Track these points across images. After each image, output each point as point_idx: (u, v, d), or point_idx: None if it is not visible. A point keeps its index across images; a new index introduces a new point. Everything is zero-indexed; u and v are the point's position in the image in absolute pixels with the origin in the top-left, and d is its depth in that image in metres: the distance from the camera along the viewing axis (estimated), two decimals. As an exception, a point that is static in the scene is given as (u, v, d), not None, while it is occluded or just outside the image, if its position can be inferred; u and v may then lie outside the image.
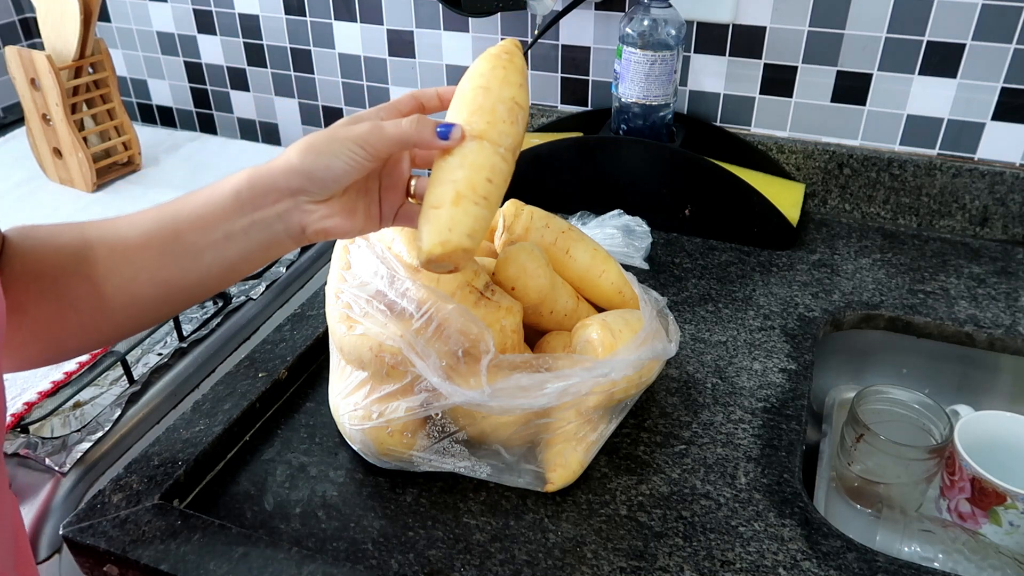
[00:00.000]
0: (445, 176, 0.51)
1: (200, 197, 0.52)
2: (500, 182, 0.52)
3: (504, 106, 0.53)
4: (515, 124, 0.53)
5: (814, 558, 0.57)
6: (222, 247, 0.52)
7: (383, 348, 0.58)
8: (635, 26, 0.90)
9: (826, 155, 0.99)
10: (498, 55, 0.55)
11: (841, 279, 0.88)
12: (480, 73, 0.55)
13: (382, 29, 1.15)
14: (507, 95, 0.53)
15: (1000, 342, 0.80)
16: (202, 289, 0.54)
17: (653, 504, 0.61)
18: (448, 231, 0.50)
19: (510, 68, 0.54)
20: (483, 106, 0.53)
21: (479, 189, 0.51)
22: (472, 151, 0.52)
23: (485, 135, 0.52)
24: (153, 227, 0.52)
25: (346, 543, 0.58)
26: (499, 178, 0.52)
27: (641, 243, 0.91)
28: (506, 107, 0.53)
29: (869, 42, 0.93)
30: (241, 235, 0.52)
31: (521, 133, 0.54)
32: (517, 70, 0.55)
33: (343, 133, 0.51)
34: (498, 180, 0.52)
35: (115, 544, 0.57)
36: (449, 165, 0.52)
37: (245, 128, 1.34)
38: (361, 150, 0.50)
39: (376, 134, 0.51)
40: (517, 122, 0.53)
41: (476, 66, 0.55)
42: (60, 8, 1.00)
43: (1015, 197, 0.93)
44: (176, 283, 0.52)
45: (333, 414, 0.66)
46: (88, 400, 0.73)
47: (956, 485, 0.69)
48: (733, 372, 0.74)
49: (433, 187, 0.52)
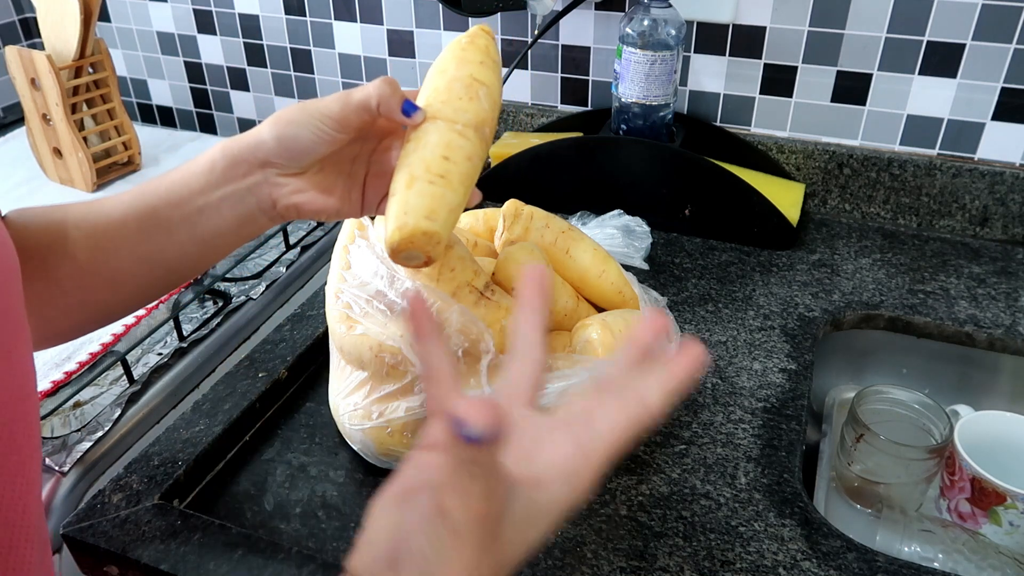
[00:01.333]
0: (402, 162, 0.50)
1: (177, 173, 0.52)
2: (461, 159, 0.50)
3: (460, 84, 0.52)
4: (473, 100, 0.51)
5: (814, 558, 0.57)
6: (195, 221, 0.52)
7: (383, 348, 0.58)
8: (635, 26, 0.90)
9: (826, 155, 0.99)
10: (458, 40, 0.54)
11: (841, 279, 0.88)
12: (439, 59, 0.54)
13: (382, 29, 1.15)
14: (464, 73, 0.52)
15: (1000, 342, 0.80)
16: (181, 266, 0.54)
17: (653, 504, 0.61)
18: (404, 215, 0.48)
19: (469, 49, 0.53)
20: (438, 87, 0.52)
21: (433, 168, 0.49)
22: (426, 132, 0.50)
23: (439, 114, 0.51)
24: (131, 204, 0.52)
25: (346, 543, 0.58)
26: (458, 155, 0.50)
27: (641, 243, 0.91)
28: (463, 84, 0.52)
29: (869, 42, 0.93)
30: (214, 210, 0.52)
31: (486, 109, 0.52)
32: (477, 49, 0.53)
33: (312, 105, 0.50)
34: (457, 157, 0.50)
35: (115, 544, 0.57)
36: (406, 151, 0.51)
37: (245, 128, 1.34)
38: (329, 119, 0.50)
39: (342, 100, 0.50)
40: (477, 98, 0.52)
41: (439, 56, 0.55)
42: (60, 8, 1.00)
43: (1015, 197, 0.93)
44: (154, 259, 0.53)
45: (333, 414, 0.66)
46: (88, 400, 0.73)
47: (956, 485, 0.69)
48: (733, 372, 0.74)
49: (393, 177, 0.51)
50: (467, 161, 0.51)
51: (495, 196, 1.05)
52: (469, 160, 0.51)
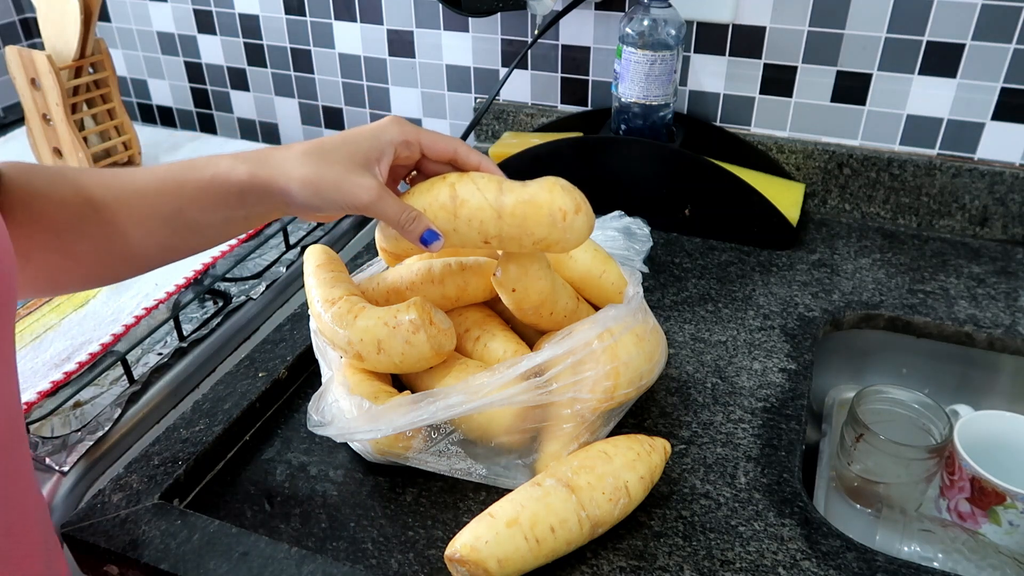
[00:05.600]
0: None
1: (204, 176, 0.54)
2: (562, 539, 0.54)
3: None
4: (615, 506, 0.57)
5: (814, 558, 0.57)
6: (221, 227, 0.56)
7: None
8: (635, 26, 0.90)
9: (826, 155, 0.99)
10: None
11: (841, 279, 0.88)
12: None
13: (382, 29, 1.15)
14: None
15: (1000, 342, 0.80)
16: (203, 248, 0.58)
17: (653, 504, 0.61)
18: (484, 543, 0.52)
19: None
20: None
21: (536, 528, 0.53)
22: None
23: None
24: (157, 198, 0.54)
25: (346, 543, 0.58)
26: (563, 534, 0.54)
27: (642, 246, 0.91)
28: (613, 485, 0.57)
29: (869, 42, 0.93)
30: (241, 221, 0.56)
31: (615, 517, 0.57)
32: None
33: (349, 183, 0.53)
34: (561, 534, 0.54)
35: (115, 543, 0.57)
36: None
37: (245, 128, 1.34)
38: (353, 207, 0.54)
39: (376, 206, 0.54)
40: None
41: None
42: (60, 8, 1.00)
43: (1015, 197, 0.93)
44: (178, 248, 0.56)
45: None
46: (88, 400, 0.73)
47: (956, 485, 0.69)
48: (733, 372, 0.74)
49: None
50: (565, 545, 0.54)
51: (495, 196, 1.05)
52: (567, 544, 0.54)
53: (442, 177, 0.58)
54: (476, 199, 0.56)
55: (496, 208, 0.55)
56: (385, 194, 0.54)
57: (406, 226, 0.55)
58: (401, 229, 0.55)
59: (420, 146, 0.58)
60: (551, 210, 0.55)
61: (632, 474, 0.57)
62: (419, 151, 0.58)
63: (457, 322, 0.67)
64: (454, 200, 0.56)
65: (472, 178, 0.57)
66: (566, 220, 0.55)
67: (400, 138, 0.56)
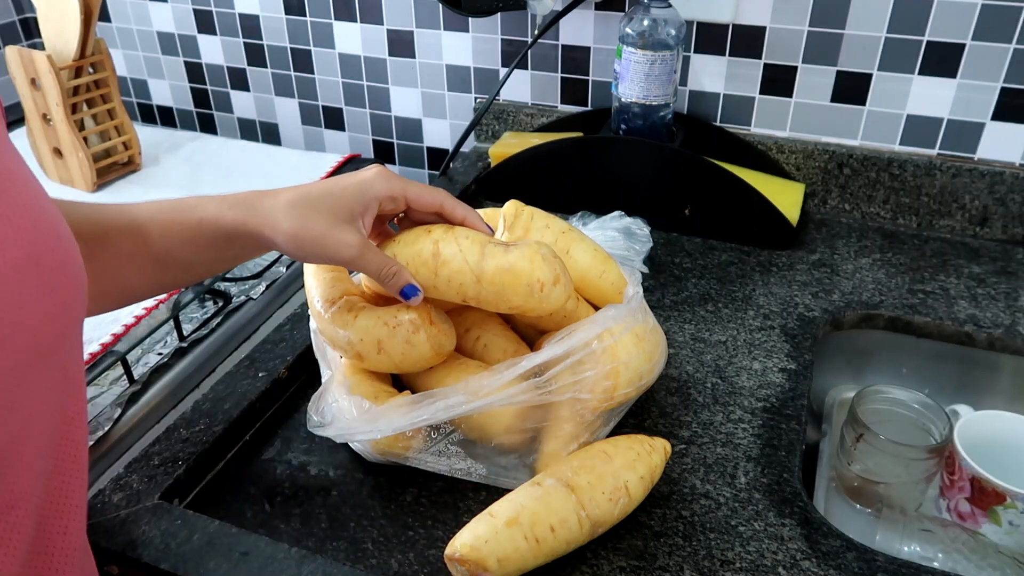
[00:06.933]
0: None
1: (192, 219, 0.55)
2: (562, 538, 0.54)
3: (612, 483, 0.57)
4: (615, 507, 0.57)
5: (814, 557, 0.57)
6: (211, 265, 0.59)
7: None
8: (635, 26, 0.90)
9: (826, 155, 0.99)
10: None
11: (841, 279, 0.88)
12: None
13: (382, 29, 1.15)
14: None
15: (1000, 342, 0.80)
16: (193, 283, 0.61)
17: (653, 504, 0.61)
18: (484, 543, 0.52)
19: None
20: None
21: (537, 527, 0.53)
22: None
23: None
24: (147, 238, 0.55)
25: (346, 543, 0.58)
26: (563, 533, 0.54)
27: (642, 246, 0.90)
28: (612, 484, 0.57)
29: (869, 42, 0.93)
30: (230, 259, 0.59)
31: (616, 517, 0.58)
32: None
33: (331, 239, 0.54)
34: (561, 533, 0.54)
35: (115, 543, 0.57)
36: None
37: (245, 128, 1.34)
38: (338, 263, 0.56)
39: (358, 262, 0.56)
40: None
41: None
42: (60, 8, 1.00)
43: (1015, 197, 0.93)
44: (167, 284, 0.59)
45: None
46: (88, 400, 0.73)
47: (956, 485, 0.69)
48: (733, 372, 0.74)
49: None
50: (565, 544, 0.54)
51: (495, 196, 1.05)
52: (567, 544, 0.54)
53: (427, 230, 0.59)
54: (457, 261, 0.57)
55: (476, 273, 0.56)
56: (367, 250, 0.55)
57: (387, 281, 0.57)
58: (382, 283, 0.57)
59: (406, 200, 0.59)
60: (529, 281, 0.56)
61: (632, 474, 0.57)
62: (404, 204, 0.59)
63: (457, 322, 0.67)
64: (436, 258, 0.57)
65: (456, 237, 0.58)
66: (543, 291, 0.56)
67: (385, 193, 0.57)
